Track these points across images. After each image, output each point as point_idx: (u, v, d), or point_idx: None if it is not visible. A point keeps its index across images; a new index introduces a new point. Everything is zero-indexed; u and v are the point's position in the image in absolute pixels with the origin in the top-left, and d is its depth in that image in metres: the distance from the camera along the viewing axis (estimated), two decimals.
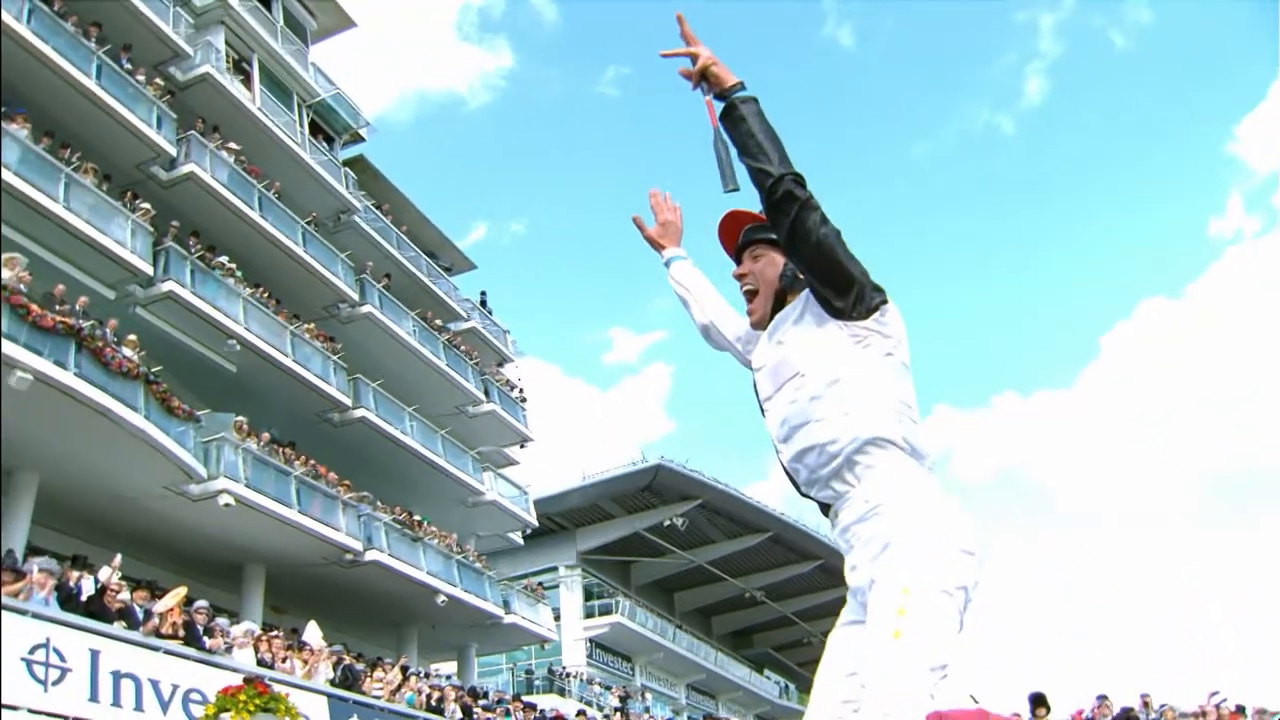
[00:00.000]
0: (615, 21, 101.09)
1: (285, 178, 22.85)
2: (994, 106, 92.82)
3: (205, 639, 13.57)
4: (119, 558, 13.79)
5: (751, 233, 2.70)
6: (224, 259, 20.22)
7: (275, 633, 16.40)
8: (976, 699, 11.86)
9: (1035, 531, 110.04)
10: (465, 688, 21.28)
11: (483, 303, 32.49)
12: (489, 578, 26.32)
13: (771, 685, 52.58)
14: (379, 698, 16.14)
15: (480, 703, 20.01)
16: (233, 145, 21.13)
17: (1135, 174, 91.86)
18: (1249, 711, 15.58)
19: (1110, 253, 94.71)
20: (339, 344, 23.36)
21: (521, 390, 31.81)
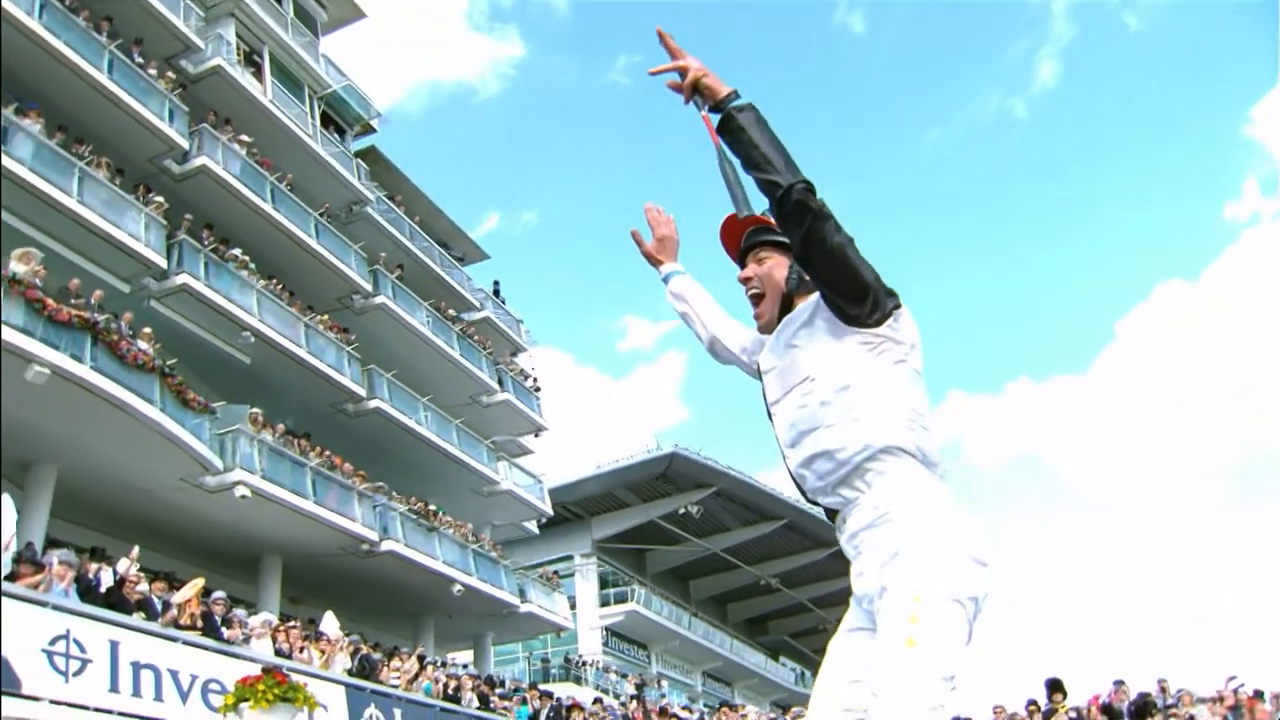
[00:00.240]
0: (626, 9, 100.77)
1: (297, 169, 22.91)
2: (1006, 91, 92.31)
3: (223, 630, 13.65)
4: (137, 549, 13.86)
5: (755, 235, 2.65)
6: (237, 251, 20.29)
7: (292, 623, 16.47)
8: None
9: (1050, 517, 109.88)
10: (482, 677, 21.35)
11: (496, 292, 32.54)
12: (504, 567, 26.38)
13: (787, 672, 52.66)
14: (396, 687, 16.21)
15: (497, 691, 20.07)
16: (244, 138, 21.19)
17: (1150, 158, 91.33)
18: (1267, 696, 15.51)
19: (1125, 237, 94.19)
20: (353, 335, 23.44)
21: (535, 379, 31.85)
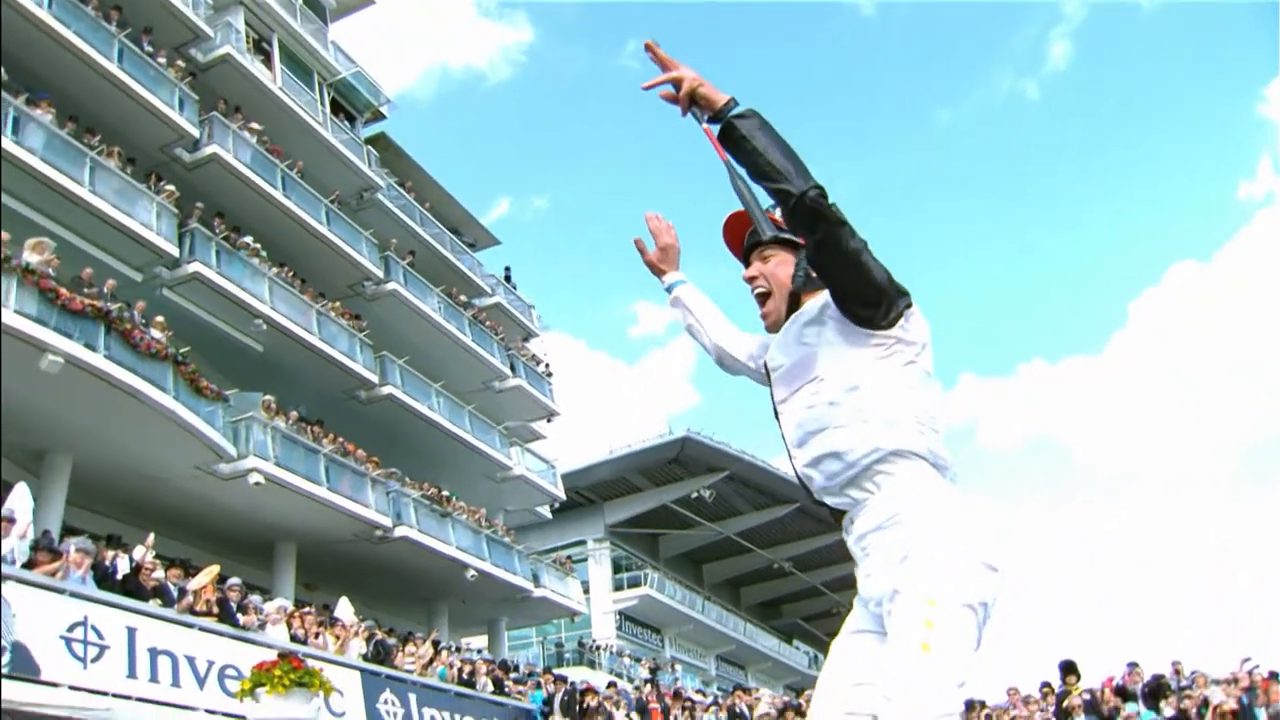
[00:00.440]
0: None
1: (308, 157, 22.93)
2: (1018, 73, 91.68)
3: (239, 616, 13.73)
4: (152, 537, 13.93)
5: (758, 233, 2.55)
6: (249, 239, 20.35)
7: (307, 609, 16.56)
8: None
9: (1063, 499, 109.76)
10: (496, 661, 21.46)
11: (507, 278, 32.55)
12: (518, 552, 26.47)
13: (800, 655, 52.75)
14: (411, 672, 16.29)
15: (512, 676, 20.16)
16: (255, 125, 21.21)
17: (1163, 139, 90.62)
18: None
19: (1138, 218, 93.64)
20: (365, 322, 23.48)
21: (547, 365, 31.90)
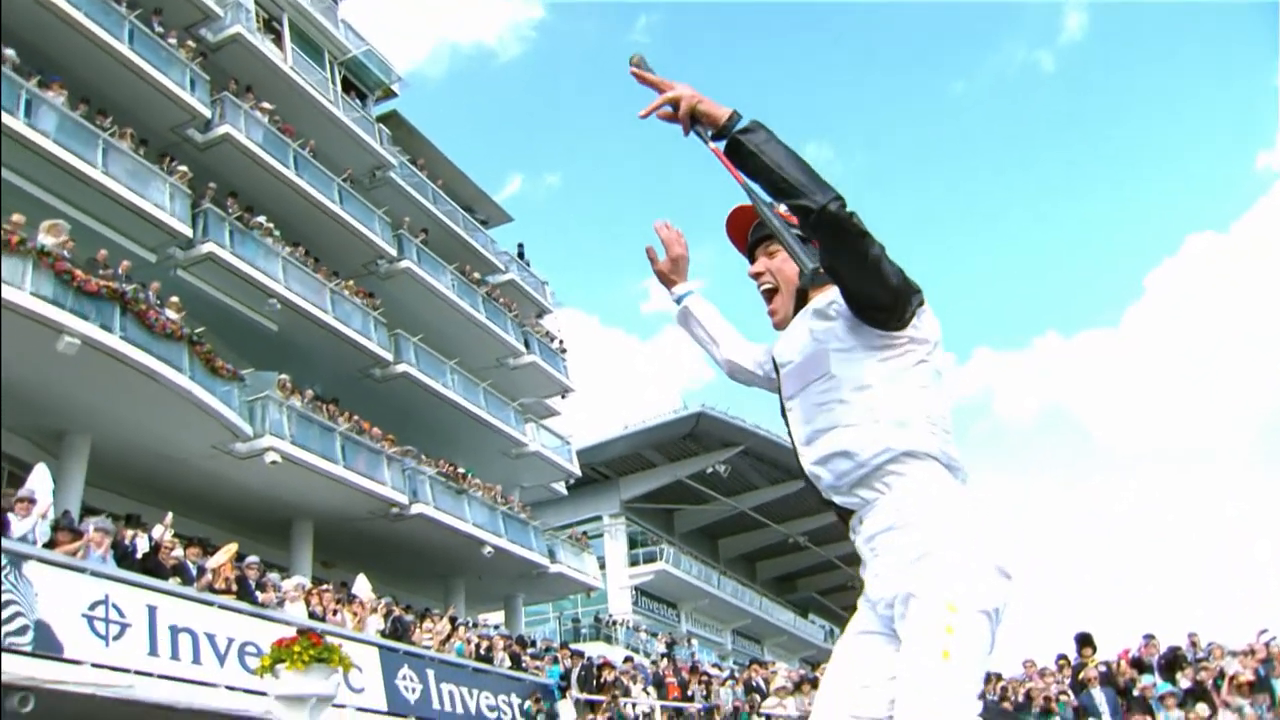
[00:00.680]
0: None
1: (320, 136, 22.93)
2: (1032, 43, 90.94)
3: (257, 594, 13.85)
4: (170, 516, 14.05)
5: (763, 228, 2.49)
6: (262, 219, 20.38)
7: (325, 586, 16.68)
8: None
9: (1079, 472, 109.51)
10: (513, 637, 21.56)
11: (520, 255, 32.53)
12: (534, 528, 26.57)
13: (816, 629, 52.89)
14: (429, 648, 16.40)
15: (529, 651, 20.26)
16: (266, 105, 21.22)
17: (1180, 109, 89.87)
18: None
19: (1155, 190, 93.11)
20: (378, 300, 23.52)
21: (561, 341, 31.91)
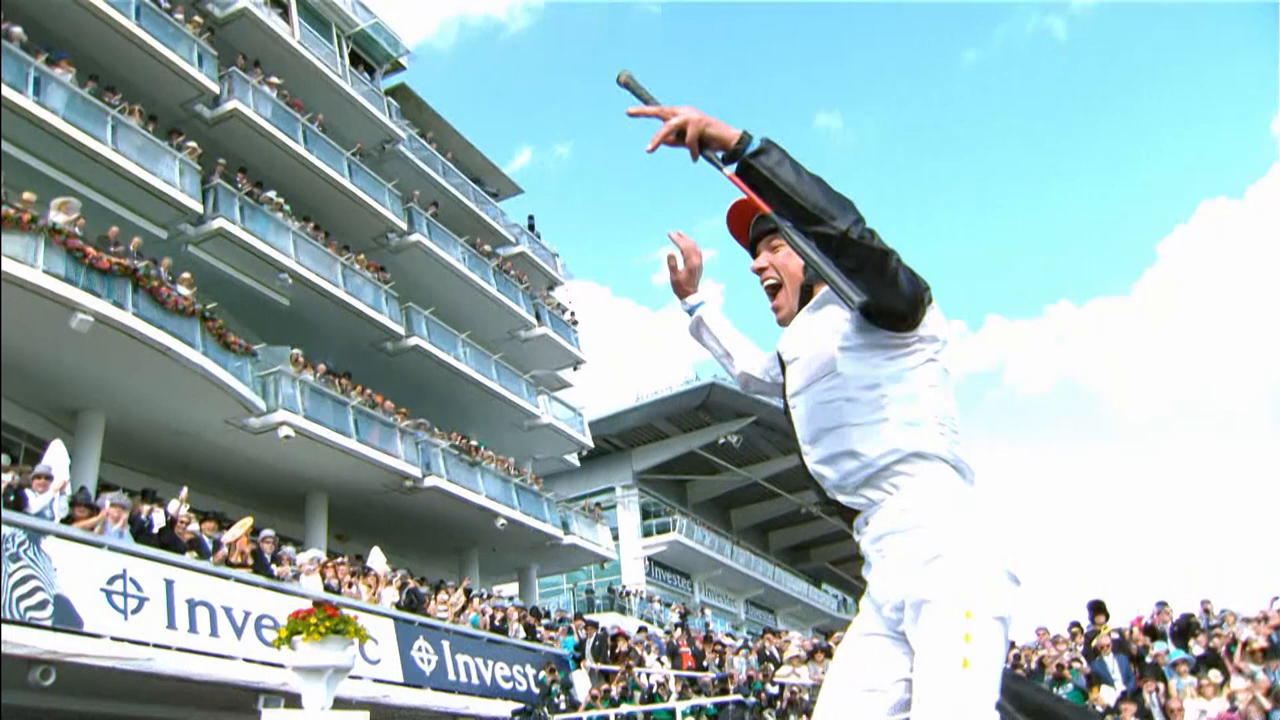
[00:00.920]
0: None
1: (328, 110, 22.90)
2: (1044, 9, 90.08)
3: (273, 567, 13.97)
4: (186, 491, 14.16)
5: (765, 222, 2.45)
6: (272, 194, 20.40)
7: (340, 559, 16.80)
8: None
9: (1091, 439, 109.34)
10: (527, 608, 21.70)
11: (531, 227, 32.49)
12: (547, 500, 26.67)
13: (829, 598, 53.10)
14: (444, 619, 16.53)
15: (543, 622, 20.39)
16: (274, 80, 21.18)
17: (1193, 74, 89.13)
18: None
19: (1168, 156, 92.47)
20: (389, 273, 23.56)
21: (573, 313, 31.91)
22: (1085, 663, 13.84)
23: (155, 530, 12.72)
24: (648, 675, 16.72)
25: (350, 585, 15.37)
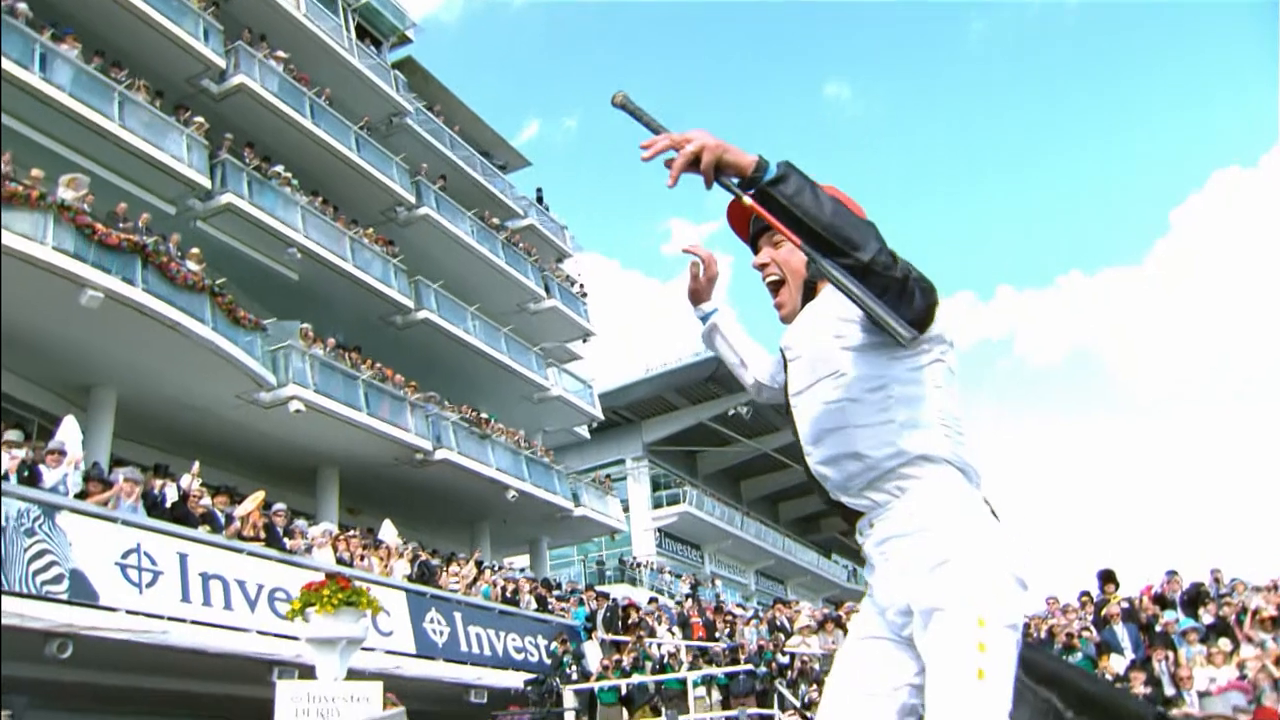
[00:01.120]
0: None
1: (335, 84, 22.84)
2: None
3: (285, 540, 14.06)
4: (197, 465, 14.24)
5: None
6: (279, 168, 20.38)
7: (352, 532, 16.89)
8: None
9: (1101, 409, 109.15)
10: (539, 579, 21.81)
11: (539, 199, 32.43)
12: (557, 472, 26.74)
13: (839, 569, 53.21)
14: (456, 591, 16.63)
15: (554, 593, 20.50)
16: (281, 54, 21.12)
17: (1206, 42, 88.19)
18: None
19: (1180, 125, 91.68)
20: (398, 247, 23.56)
21: (582, 285, 31.93)
22: (1095, 631, 13.88)
23: (168, 505, 12.81)
24: (659, 646, 16.82)
25: (362, 558, 15.46)
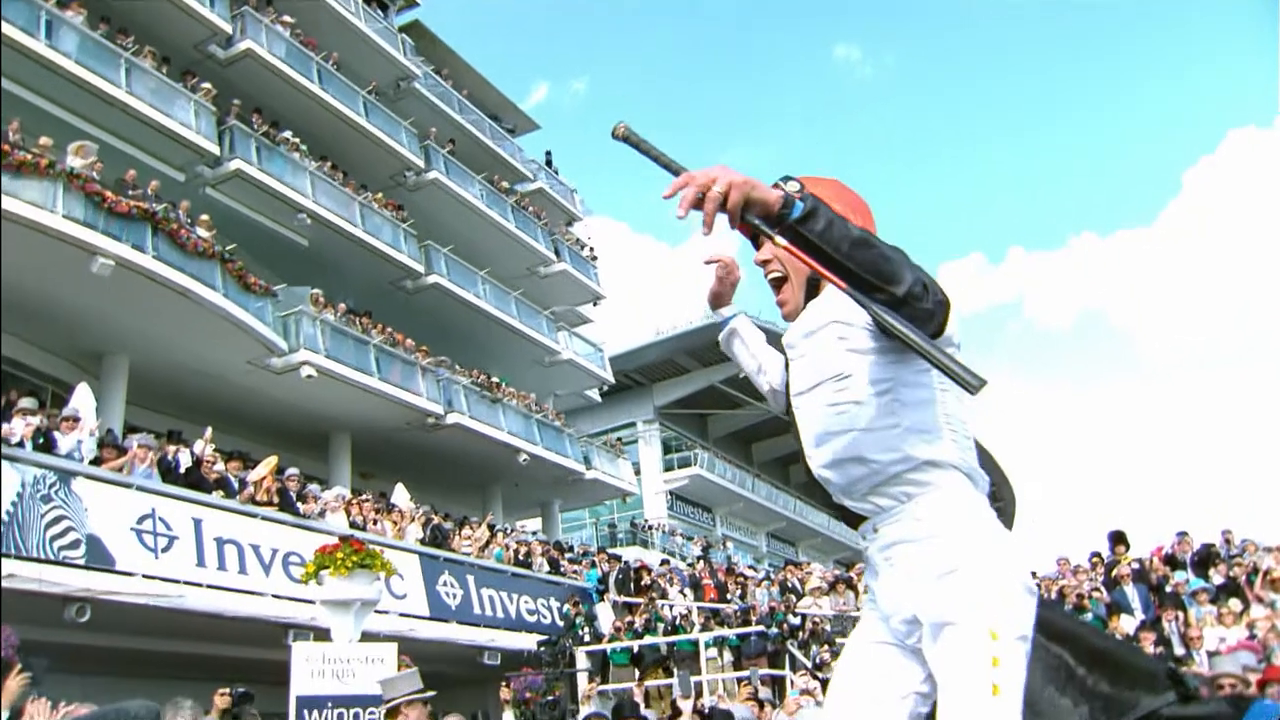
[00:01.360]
0: None
1: (343, 48, 22.71)
2: None
3: (299, 505, 14.16)
4: (210, 431, 14.32)
5: None
6: (288, 134, 20.33)
7: (365, 497, 16.99)
8: None
9: (1115, 371, 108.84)
10: (551, 542, 21.94)
11: (548, 163, 32.30)
12: (569, 435, 26.81)
13: (850, 531, 53.19)
14: (468, 554, 16.75)
15: (567, 556, 20.64)
16: (287, 18, 21.02)
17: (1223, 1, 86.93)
18: None
19: (1194, 85, 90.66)
20: (407, 212, 23.54)
21: (592, 248, 31.86)
22: (1105, 592, 13.94)
23: (182, 470, 12.91)
24: (670, 607, 16.94)
25: (375, 522, 15.57)
